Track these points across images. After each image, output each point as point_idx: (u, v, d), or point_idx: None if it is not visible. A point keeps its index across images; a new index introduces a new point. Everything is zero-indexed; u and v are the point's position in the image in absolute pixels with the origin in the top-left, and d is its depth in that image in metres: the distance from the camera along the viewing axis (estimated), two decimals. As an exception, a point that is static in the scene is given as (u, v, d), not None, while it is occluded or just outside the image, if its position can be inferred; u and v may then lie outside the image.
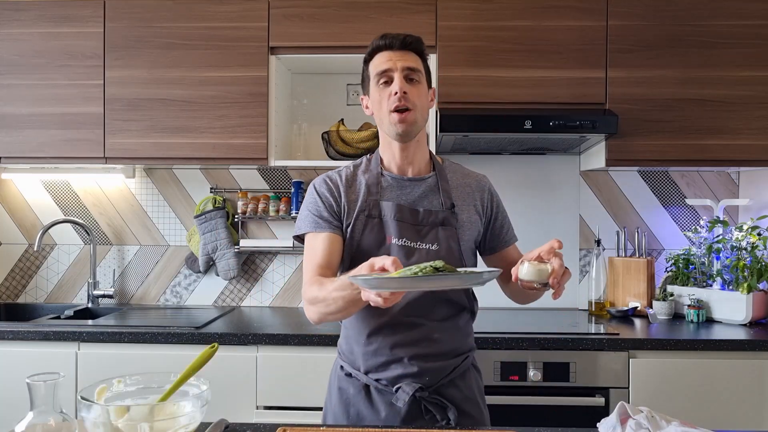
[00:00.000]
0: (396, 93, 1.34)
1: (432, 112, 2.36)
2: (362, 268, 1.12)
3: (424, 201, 1.41)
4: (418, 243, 1.36)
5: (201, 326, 2.17)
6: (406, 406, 1.32)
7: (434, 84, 2.32)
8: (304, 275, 1.38)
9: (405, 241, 1.36)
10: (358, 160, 1.51)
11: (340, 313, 1.28)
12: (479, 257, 1.53)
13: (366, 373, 1.38)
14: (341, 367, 1.45)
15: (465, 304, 1.42)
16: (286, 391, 2.08)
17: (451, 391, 1.38)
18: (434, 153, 1.55)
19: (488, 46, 2.31)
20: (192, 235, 2.70)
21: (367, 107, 1.46)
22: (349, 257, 1.39)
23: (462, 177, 1.48)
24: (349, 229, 1.39)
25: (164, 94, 2.37)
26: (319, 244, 1.38)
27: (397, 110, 1.35)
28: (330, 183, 1.44)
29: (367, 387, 1.39)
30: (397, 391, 1.34)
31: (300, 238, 1.45)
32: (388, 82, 1.37)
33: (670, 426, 1.10)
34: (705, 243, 2.46)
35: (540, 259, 1.18)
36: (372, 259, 1.11)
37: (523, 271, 1.18)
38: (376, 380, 1.37)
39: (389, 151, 1.44)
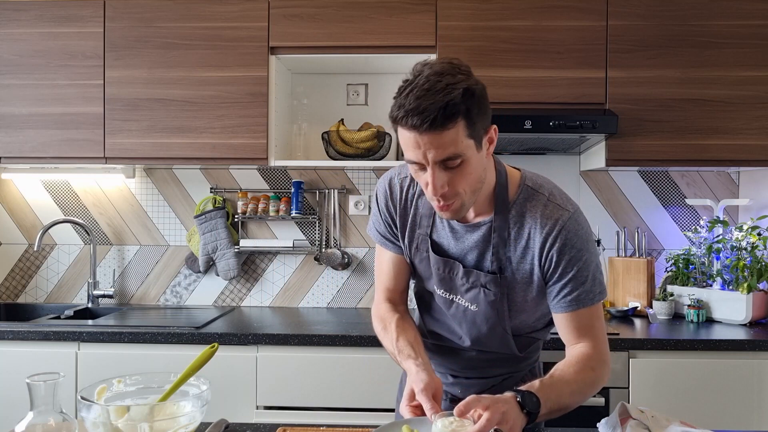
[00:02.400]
0: (430, 189, 1.10)
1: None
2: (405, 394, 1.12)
3: (474, 252, 1.21)
4: (458, 298, 1.25)
5: (201, 326, 2.17)
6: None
7: (491, 125, 2.13)
8: (375, 285, 1.40)
9: (443, 293, 1.27)
10: None
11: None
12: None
13: None
14: None
15: (516, 353, 1.30)
16: (286, 391, 2.08)
17: None
18: (515, 177, 1.24)
19: (488, 46, 2.31)
20: (192, 235, 2.70)
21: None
22: (414, 270, 1.34)
23: (530, 218, 1.18)
24: (405, 246, 1.31)
25: (164, 94, 2.37)
26: (385, 263, 1.36)
27: (438, 203, 1.12)
28: (389, 196, 1.29)
29: None
30: None
31: None
32: (421, 168, 1.09)
33: (670, 426, 1.10)
34: (705, 243, 2.46)
35: (461, 413, 0.98)
36: (414, 388, 1.10)
37: (435, 430, 0.99)
38: None
39: None
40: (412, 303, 1.42)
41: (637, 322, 2.36)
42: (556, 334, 1.27)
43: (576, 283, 1.17)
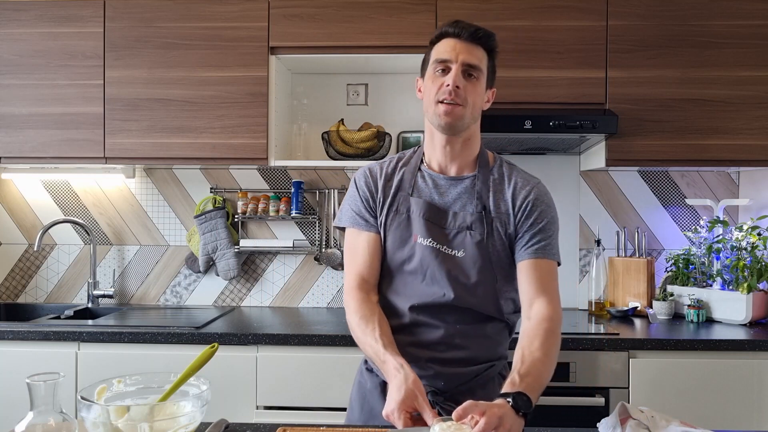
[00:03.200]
0: (448, 85, 1.28)
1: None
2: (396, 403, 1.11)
3: (458, 203, 1.34)
4: (445, 247, 1.31)
5: (201, 326, 2.17)
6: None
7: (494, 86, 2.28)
8: (345, 276, 1.39)
9: (431, 242, 1.31)
10: (407, 152, 1.46)
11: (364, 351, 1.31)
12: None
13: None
14: (365, 360, 1.45)
15: (493, 314, 1.34)
16: (286, 391, 2.08)
17: (468, 399, 1.30)
18: (490, 152, 1.44)
19: (488, 46, 2.31)
20: (192, 235, 2.70)
21: (419, 90, 1.40)
22: (383, 253, 1.37)
23: (508, 179, 1.36)
24: (382, 222, 1.36)
25: (164, 94, 2.37)
26: (360, 247, 1.37)
27: (445, 102, 1.28)
28: (369, 176, 1.40)
29: (384, 384, 1.35)
30: None
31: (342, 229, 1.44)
32: (446, 70, 1.30)
33: (670, 426, 1.10)
34: (705, 243, 2.46)
35: (459, 417, 0.99)
36: (403, 393, 1.10)
37: None
38: None
39: (432, 146, 1.38)
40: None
41: (637, 322, 2.36)
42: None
43: (544, 235, 1.32)
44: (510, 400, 1.07)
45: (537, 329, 1.25)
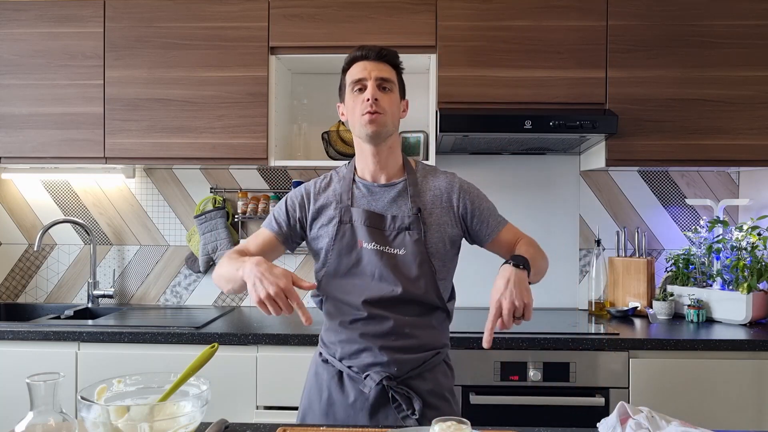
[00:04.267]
0: (368, 99, 1.42)
1: (432, 112, 2.36)
2: (262, 268, 1.27)
3: (393, 207, 1.48)
4: (387, 247, 1.44)
5: (201, 326, 2.17)
6: (374, 393, 1.40)
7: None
8: (237, 247, 1.53)
9: (375, 245, 1.44)
10: (338, 169, 1.59)
11: (224, 284, 1.41)
12: (483, 247, 1.58)
13: (340, 359, 1.47)
14: (320, 353, 1.54)
15: (437, 304, 1.47)
16: (286, 391, 2.08)
17: (419, 383, 1.44)
18: (410, 158, 1.59)
19: (488, 46, 2.31)
20: (192, 235, 2.71)
21: (342, 114, 1.54)
22: (324, 260, 1.48)
23: (432, 179, 1.53)
24: (320, 234, 1.48)
25: (164, 94, 2.37)
26: (260, 238, 1.52)
27: (368, 113, 1.42)
28: (303, 193, 1.54)
29: (340, 373, 1.47)
30: (365, 378, 1.42)
31: None
32: (362, 89, 1.45)
33: (670, 426, 1.10)
34: (705, 243, 2.46)
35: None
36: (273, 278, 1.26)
37: None
38: (349, 367, 1.45)
39: (362, 158, 1.52)
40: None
41: (637, 322, 2.36)
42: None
43: (491, 211, 1.54)
44: (509, 261, 1.34)
45: (521, 242, 1.52)
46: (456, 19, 2.32)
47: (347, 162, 1.59)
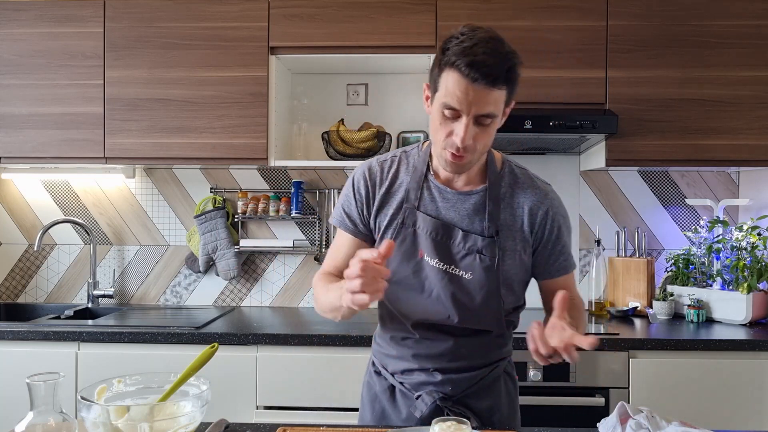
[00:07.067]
0: (458, 137, 1.13)
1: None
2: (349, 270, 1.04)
3: (466, 221, 1.26)
4: (452, 267, 1.25)
5: (201, 326, 2.17)
6: (428, 413, 1.27)
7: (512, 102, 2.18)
8: (325, 261, 1.39)
9: (438, 263, 1.25)
10: (408, 148, 1.35)
11: (329, 314, 1.26)
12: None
13: (392, 374, 1.36)
14: (372, 362, 1.44)
15: (494, 329, 1.32)
16: (286, 391, 2.08)
17: (476, 402, 1.32)
18: (497, 152, 1.36)
19: (488, 46, 2.31)
20: (192, 235, 2.70)
21: (427, 98, 1.22)
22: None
23: (518, 192, 1.28)
24: (381, 228, 1.30)
25: (164, 94, 2.37)
26: (343, 247, 1.34)
27: (453, 153, 1.17)
28: (368, 177, 1.31)
29: (392, 387, 1.36)
30: (418, 398, 1.30)
31: None
32: (454, 116, 1.14)
33: (670, 426, 1.10)
34: (705, 243, 2.46)
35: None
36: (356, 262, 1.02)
37: None
38: (401, 383, 1.34)
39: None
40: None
41: (637, 322, 2.36)
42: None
43: (564, 251, 1.31)
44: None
45: (571, 303, 1.26)
46: (456, 19, 2.31)
47: (418, 144, 1.35)
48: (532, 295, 1.39)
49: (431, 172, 1.30)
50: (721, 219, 2.46)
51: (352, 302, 1.03)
